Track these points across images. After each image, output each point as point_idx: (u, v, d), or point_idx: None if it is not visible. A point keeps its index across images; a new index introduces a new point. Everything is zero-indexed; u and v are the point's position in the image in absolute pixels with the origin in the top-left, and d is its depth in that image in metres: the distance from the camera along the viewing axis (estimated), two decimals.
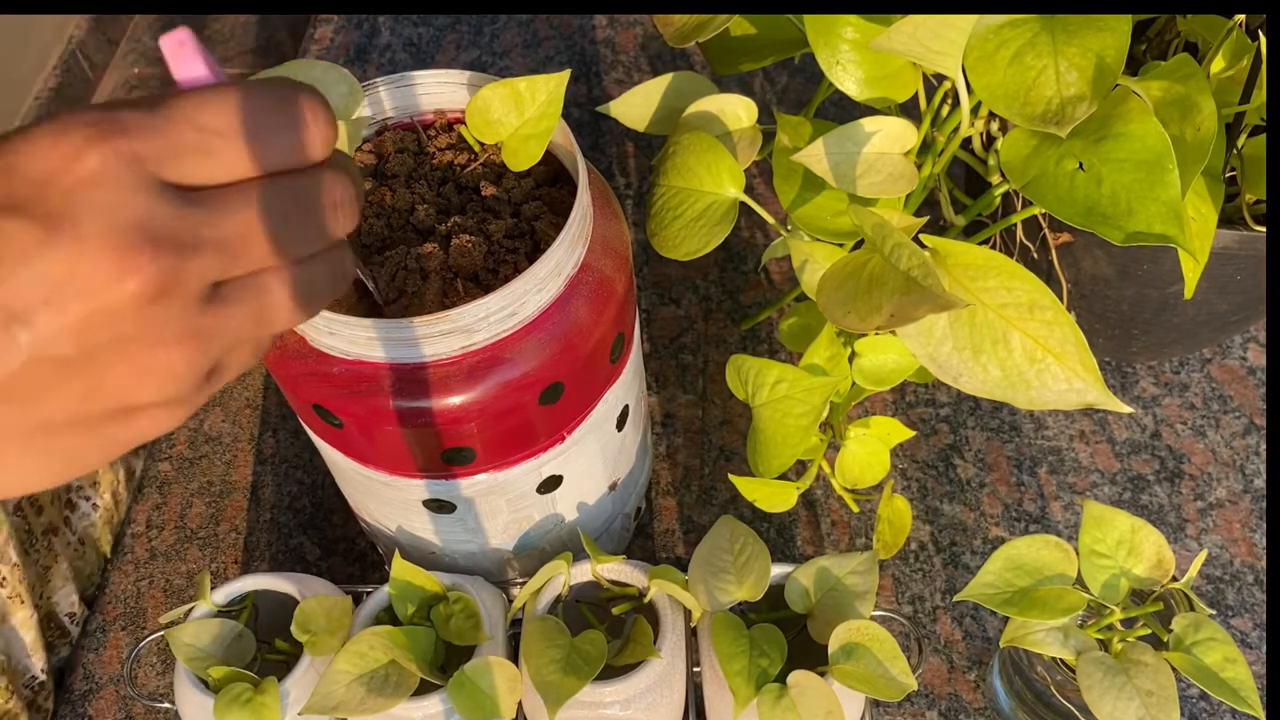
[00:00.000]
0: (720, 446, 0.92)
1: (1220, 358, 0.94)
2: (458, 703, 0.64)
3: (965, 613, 0.81)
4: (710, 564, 0.68)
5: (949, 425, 0.91)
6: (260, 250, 0.43)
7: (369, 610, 0.69)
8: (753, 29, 0.81)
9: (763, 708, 0.62)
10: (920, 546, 0.85)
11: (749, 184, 0.72)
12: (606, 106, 0.83)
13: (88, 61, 1.53)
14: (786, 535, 0.86)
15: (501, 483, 0.67)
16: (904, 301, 0.58)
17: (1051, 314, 0.61)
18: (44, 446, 0.42)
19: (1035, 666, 0.68)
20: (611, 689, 0.64)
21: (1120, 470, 0.88)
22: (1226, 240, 0.71)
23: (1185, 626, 0.63)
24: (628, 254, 0.67)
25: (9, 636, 0.79)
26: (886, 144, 0.69)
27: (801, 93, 1.18)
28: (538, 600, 0.68)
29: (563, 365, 0.62)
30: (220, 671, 0.67)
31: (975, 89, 0.63)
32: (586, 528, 0.76)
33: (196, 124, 0.41)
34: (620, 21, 1.30)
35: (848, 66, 0.68)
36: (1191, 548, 0.84)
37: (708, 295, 1.02)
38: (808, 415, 0.68)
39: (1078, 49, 0.61)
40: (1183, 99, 0.62)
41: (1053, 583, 0.64)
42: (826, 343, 0.71)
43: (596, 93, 1.22)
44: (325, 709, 0.63)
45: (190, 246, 0.41)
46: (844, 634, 0.64)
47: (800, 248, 0.69)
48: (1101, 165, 0.60)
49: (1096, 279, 0.80)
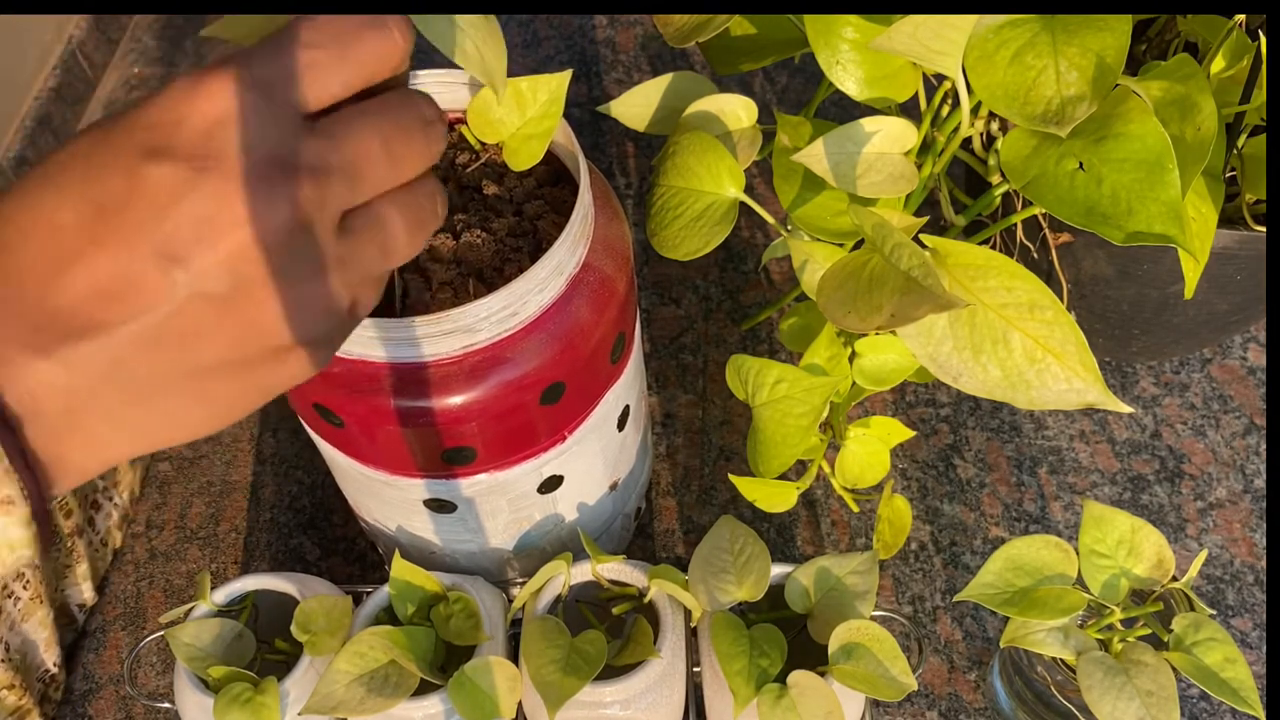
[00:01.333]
0: (720, 446, 0.92)
1: (1220, 358, 0.94)
2: (458, 703, 0.64)
3: (965, 613, 0.81)
4: (710, 564, 0.68)
5: (949, 425, 0.91)
6: (377, 173, 0.44)
7: (369, 610, 0.69)
8: (753, 29, 0.81)
9: (763, 708, 0.62)
10: (920, 546, 0.85)
11: (749, 184, 0.72)
12: (607, 106, 0.83)
13: (88, 61, 1.53)
14: (786, 535, 0.86)
15: (502, 482, 0.67)
16: (904, 301, 0.58)
17: (1051, 314, 0.61)
18: (201, 392, 0.43)
19: (1035, 667, 0.68)
20: (611, 689, 0.64)
21: (1120, 470, 0.88)
22: (1227, 240, 0.71)
23: (1185, 626, 0.63)
24: (629, 254, 0.67)
25: (25, 635, 0.79)
26: (886, 144, 0.69)
27: (801, 93, 1.18)
28: (538, 600, 0.68)
29: (564, 365, 0.62)
30: (220, 671, 0.67)
31: (975, 89, 0.63)
32: (587, 528, 0.76)
33: (304, 42, 0.42)
34: (620, 21, 1.30)
35: (848, 66, 0.68)
36: (1192, 548, 0.84)
37: (708, 295, 1.02)
38: (808, 415, 0.68)
39: (1078, 49, 0.61)
40: (1183, 99, 0.62)
41: (1053, 583, 0.64)
42: (826, 343, 0.71)
43: (597, 93, 1.22)
44: (325, 709, 0.63)
45: (323, 173, 0.42)
46: (844, 634, 0.64)
47: (800, 248, 0.69)
48: (1102, 165, 0.60)
49: (1097, 279, 0.80)
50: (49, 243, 0.40)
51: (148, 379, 0.41)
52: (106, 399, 0.41)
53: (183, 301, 0.40)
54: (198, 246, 0.40)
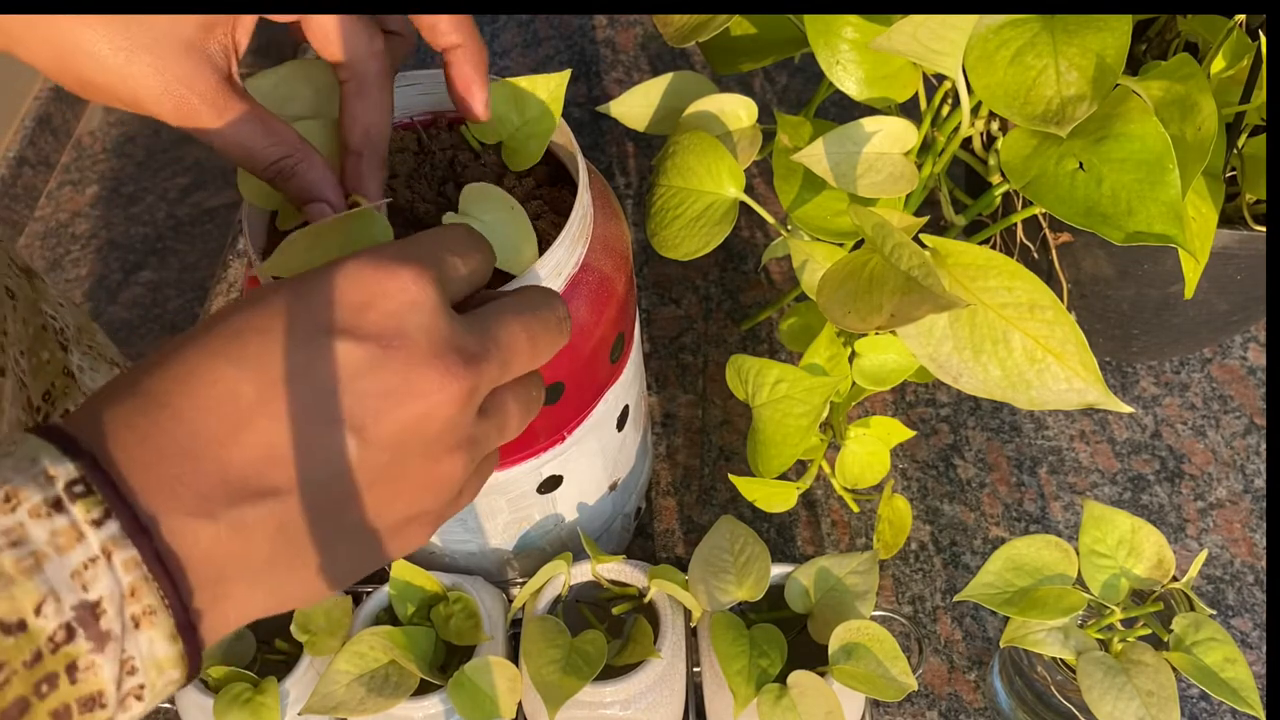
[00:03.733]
0: (720, 446, 0.92)
1: (1220, 357, 0.94)
2: (458, 703, 0.64)
3: (965, 613, 0.81)
4: (710, 564, 0.68)
5: (949, 425, 0.91)
6: (521, 363, 0.49)
7: (369, 610, 0.69)
8: (753, 29, 0.81)
9: (763, 708, 0.62)
10: (920, 546, 0.85)
11: (749, 184, 0.72)
12: (606, 106, 0.83)
13: None
14: (786, 535, 0.86)
15: (501, 482, 0.67)
16: (904, 301, 0.58)
17: (1052, 314, 0.61)
18: (334, 556, 0.45)
19: (1035, 667, 0.68)
20: (611, 689, 0.64)
21: (1120, 470, 0.88)
22: (1227, 240, 0.71)
23: (1185, 626, 0.63)
24: (628, 254, 0.67)
25: None
26: (887, 144, 0.69)
27: (801, 92, 1.18)
28: (538, 600, 0.68)
29: (563, 365, 0.62)
30: (220, 671, 0.67)
31: (975, 89, 0.63)
32: (587, 528, 0.76)
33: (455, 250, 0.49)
34: (620, 21, 1.30)
35: (848, 66, 0.68)
36: (1192, 548, 0.84)
37: (708, 295, 1.02)
38: (808, 415, 0.68)
39: (1078, 49, 0.61)
40: (1183, 99, 0.62)
41: (1053, 583, 0.64)
42: (826, 342, 0.71)
43: (596, 92, 1.22)
44: (325, 709, 0.63)
45: (484, 360, 0.46)
46: (844, 634, 0.64)
47: (800, 247, 0.69)
48: (1102, 165, 0.60)
49: (1097, 279, 0.80)
50: (228, 414, 0.42)
51: (300, 541, 0.44)
52: (256, 561, 0.43)
53: (348, 468, 0.43)
54: (375, 417, 0.43)
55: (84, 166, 1.42)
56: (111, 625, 0.39)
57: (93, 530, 0.38)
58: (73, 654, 0.38)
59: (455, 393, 0.44)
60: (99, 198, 1.38)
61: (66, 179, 1.41)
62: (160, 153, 1.46)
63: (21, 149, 1.35)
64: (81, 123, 1.51)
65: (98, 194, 1.39)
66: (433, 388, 0.44)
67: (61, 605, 0.38)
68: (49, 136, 1.42)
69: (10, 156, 1.36)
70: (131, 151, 1.46)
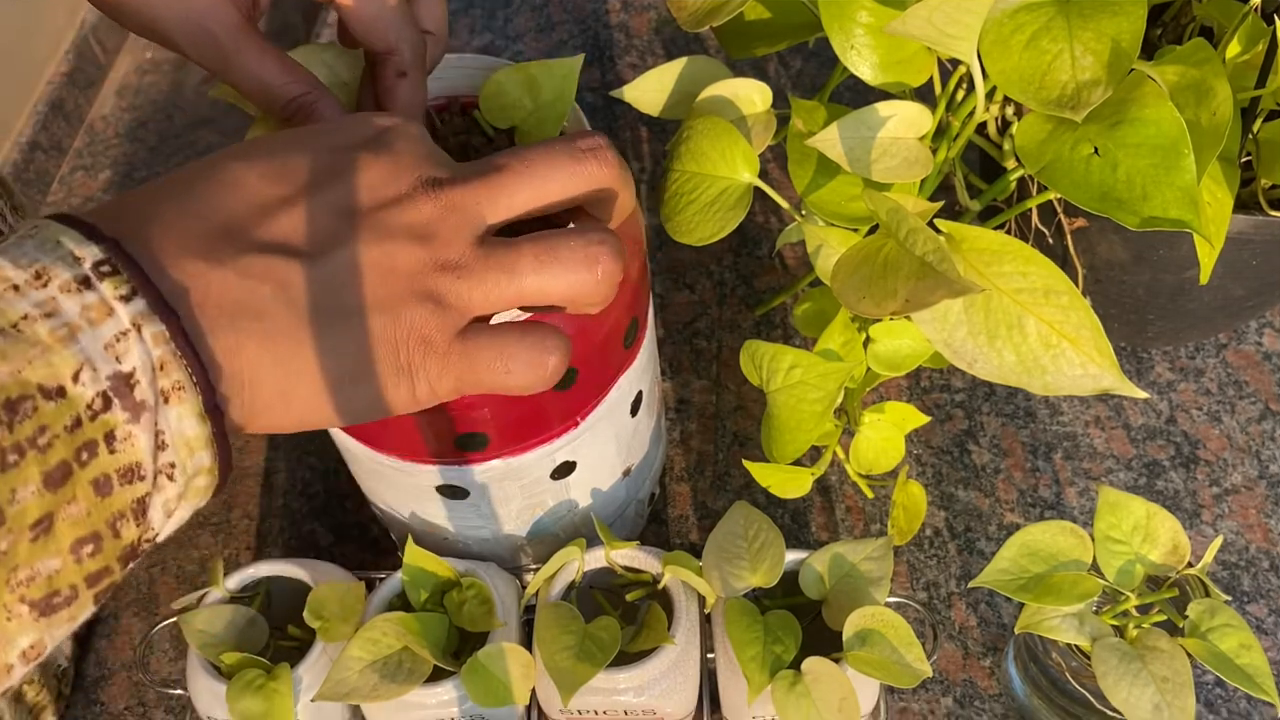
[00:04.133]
0: (734, 432, 0.92)
1: (1236, 343, 0.93)
2: (471, 689, 0.64)
3: (980, 599, 0.81)
4: (724, 550, 0.68)
5: (964, 411, 0.91)
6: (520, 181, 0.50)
7: (382, 596, 0.69)
8: (767, 13, 0.80)
9: (777, 694, 0.62)
10: (935, 532, 0.85)
11: (763, 169, 0.72)
12: (620, 91, 0.83)
13: (100, 46, 1.53)
14: (801, 521, 0.86)
15: (515, 469, 0.67)
16: (919, 286, 0.58)
17: (1067, 299, 0.61)
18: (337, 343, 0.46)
19: (1050, 653, 0.68)
20: (625, 675, 0.64)
21: (1135, 456, 0.88)
22: (1242, 225, 0.71)
23: (1201, 612, 0.63)
24: (641, 239, 0.67)
25: None
26: (901, 129, 0.68)
27: (816, 77, 1.18)
28: (551, 586, 0.68)
29: (576, 351, 0.62)
30: (233, 658, 0.67)
31: (990, 73, 0.63)
32: (600, 514, 0.76)
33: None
34: (634, 6, 1.30)
35: (862, 51, 0.68)
36: (1207, 533, 0.83)
37: (722, 280, 1.02)
38: (822, 401, 0.68)
39: (1093, 33, 0.60)
40: (1198, 83, 0.62)
41: (1068, 569, 0.64)
42: (841, 328, 0.71)
43: (610, 77, 1.22)
44: (338, 695, 0.63)
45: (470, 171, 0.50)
46: (859, 620, 0.64)
47: (815, 233, 0.69)
48: (1117, 150, 0.60)
49: (1112, 264, 0.80)
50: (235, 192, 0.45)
51: (303, 311, 0.45)
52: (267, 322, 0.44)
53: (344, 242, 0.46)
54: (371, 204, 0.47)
55: (96, 151, 1.43)
56: (145, 396, 0.40)
57: (122, 305, 0.40)
58: (110, 423, 0.39)
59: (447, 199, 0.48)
60: (111, 183, 1.39)
61: (79, 164, 1.41)
62: (173, 138, 1.46)
63: (34, 134, 1.35)
64: (94, 108, 1.51)
65: (110, 179, 1.39)
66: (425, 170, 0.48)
67: (98, 374, 0.39)
68: (61, 121, 1.42)
69: (22, 141, 1.36)
70: (144, 137, 1.47)
